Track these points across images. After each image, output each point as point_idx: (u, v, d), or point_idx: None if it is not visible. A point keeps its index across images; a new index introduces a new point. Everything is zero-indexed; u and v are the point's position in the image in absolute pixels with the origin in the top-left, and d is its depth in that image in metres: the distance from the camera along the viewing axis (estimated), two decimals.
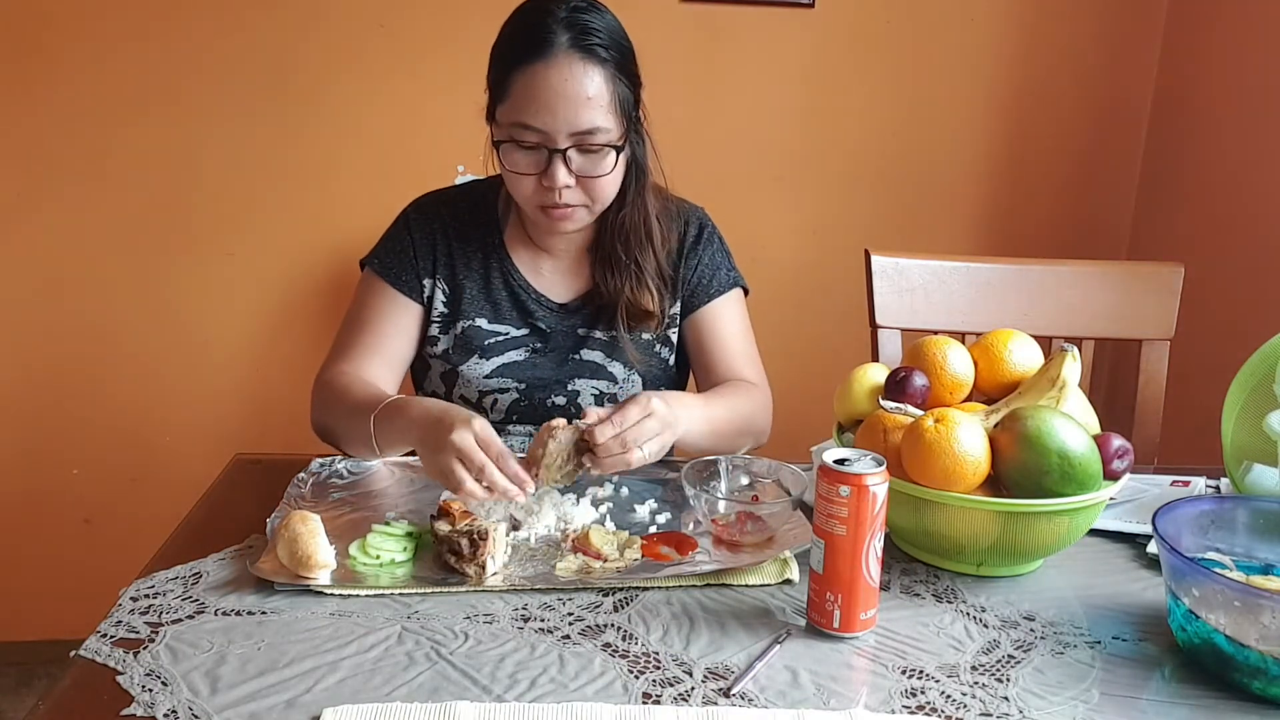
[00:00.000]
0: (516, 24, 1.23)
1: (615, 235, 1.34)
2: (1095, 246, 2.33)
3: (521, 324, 1.37)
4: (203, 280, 2.13)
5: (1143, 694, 0.85)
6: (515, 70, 1.19)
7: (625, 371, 1.37)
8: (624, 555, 1.03)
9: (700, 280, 1.40)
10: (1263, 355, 1.18)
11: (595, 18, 1.21)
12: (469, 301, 1.36)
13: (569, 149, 1.20)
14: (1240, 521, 0.98)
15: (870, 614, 0.91)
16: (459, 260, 1.36)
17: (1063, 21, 2.22)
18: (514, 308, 1.37)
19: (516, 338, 1.36)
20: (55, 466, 2.18)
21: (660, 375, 1.41)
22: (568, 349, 1.37)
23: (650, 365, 1.39)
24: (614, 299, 1.35)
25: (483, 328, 1.35)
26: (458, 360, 1.35)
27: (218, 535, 1.05)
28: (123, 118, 2.03)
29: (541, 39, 1.18)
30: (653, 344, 1.40)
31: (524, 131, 1.20)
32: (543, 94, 1.18)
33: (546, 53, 1.18)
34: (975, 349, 1.13)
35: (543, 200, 1.24)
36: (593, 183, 1.23)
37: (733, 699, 0.82)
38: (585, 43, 1.19)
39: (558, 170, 1.20)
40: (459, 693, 0.81)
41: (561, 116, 1.18)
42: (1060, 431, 0.96)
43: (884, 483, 0.89)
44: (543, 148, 1.20)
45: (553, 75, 1.18)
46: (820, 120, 2.22)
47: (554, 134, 1.19)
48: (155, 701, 0.78)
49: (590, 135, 1.20)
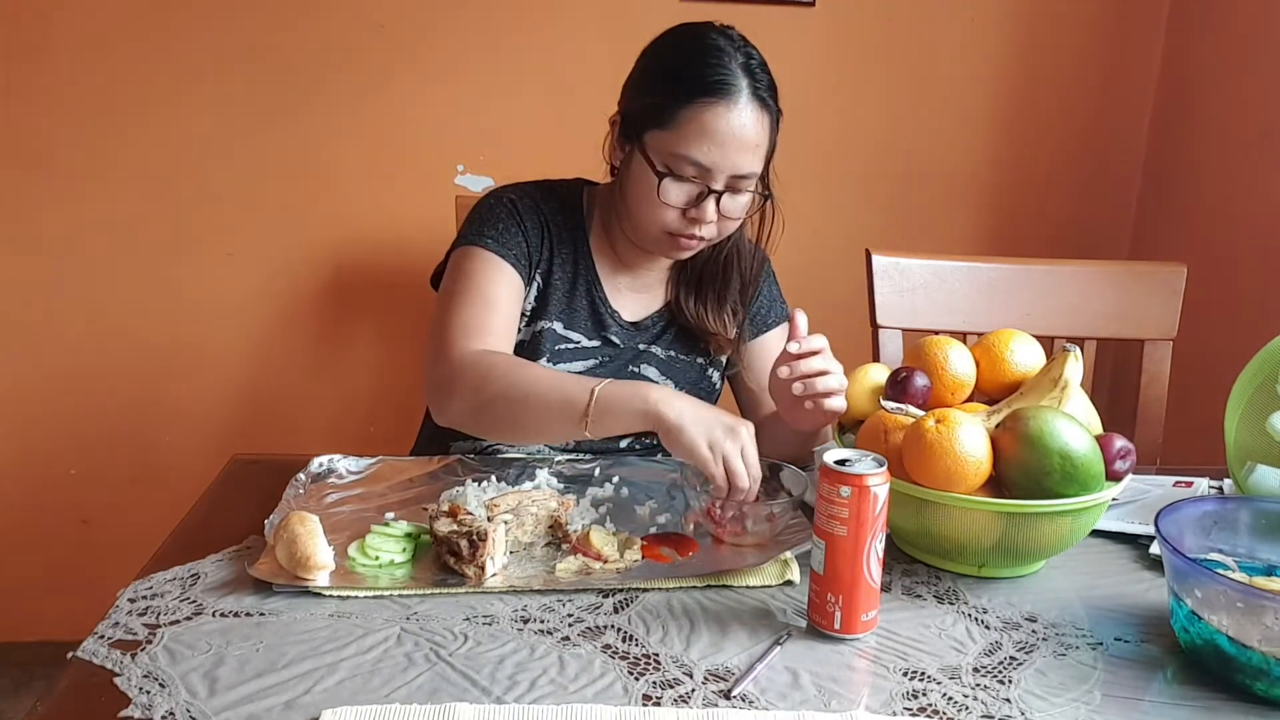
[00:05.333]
0: (691, 55, 1.22)
1: (711, 262, 1.36)
2: (1097, 246, 2.33)
3: (594, 336, 1.35)
4: (202, 280, 2.13)
5: (1145, 695, 0.85)
6: (691, 103, 1.19)
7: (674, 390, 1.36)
8: (624, 556, 1.03)
9: (759, 313, 1.42)
10: (1266, 355, 1.18)
11: (764, 67, 1.23)
12: (553, 303, 1.33)
13: (724, 190, 1.22)
14: (1243, 522, 0.98)
15: (871, 615, 0.91)
16: (556, 260, 1.34)
17: (1064, 20, 2.21)
18: (590, 318, 1.35)
19: (587, 349, 1.34)
20: (53, 467, 2.17)
21: (707, 398, 1.40)
22: (626, 362, 1.37)
23: (700, 388, 1.39)
24: (687, 319, 1.37)
25: (557, 331, 1.33)
26: (527, 356, 1.31)
27: (216, 536, 1.05)
28: (122, 117, 2.03)
29: (724, 80, 1.19)
30: (706, 367, 1.41)
31: (685, 164, 1.20)
32: (719, 135, 1.19)
33: (730, 95, 1.18)
34: (977, 349, 1.12)
35: (680, 229, 1.24)
36: (729, 222, 1.26)
37: (733, 701, 0.81)
38: (762, 94, 1.21)
39: (708, 207, 1.22)
40: (458, 694, 0.81)
41: (731, 160, 1.20)
42: (1062, 432, 0.95)
43: (885, 483, 0.89)
44: (699, 183, 1.21)
45: (734, 119, 1.19)
46: (821, 119, 2.21)
47: (716, 173, 1.20)
48: (153, 703, 0.78)
49: (745, 179, 1.22)
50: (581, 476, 1.24)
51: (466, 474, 1.22)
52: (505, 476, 1.21)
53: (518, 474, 1.22)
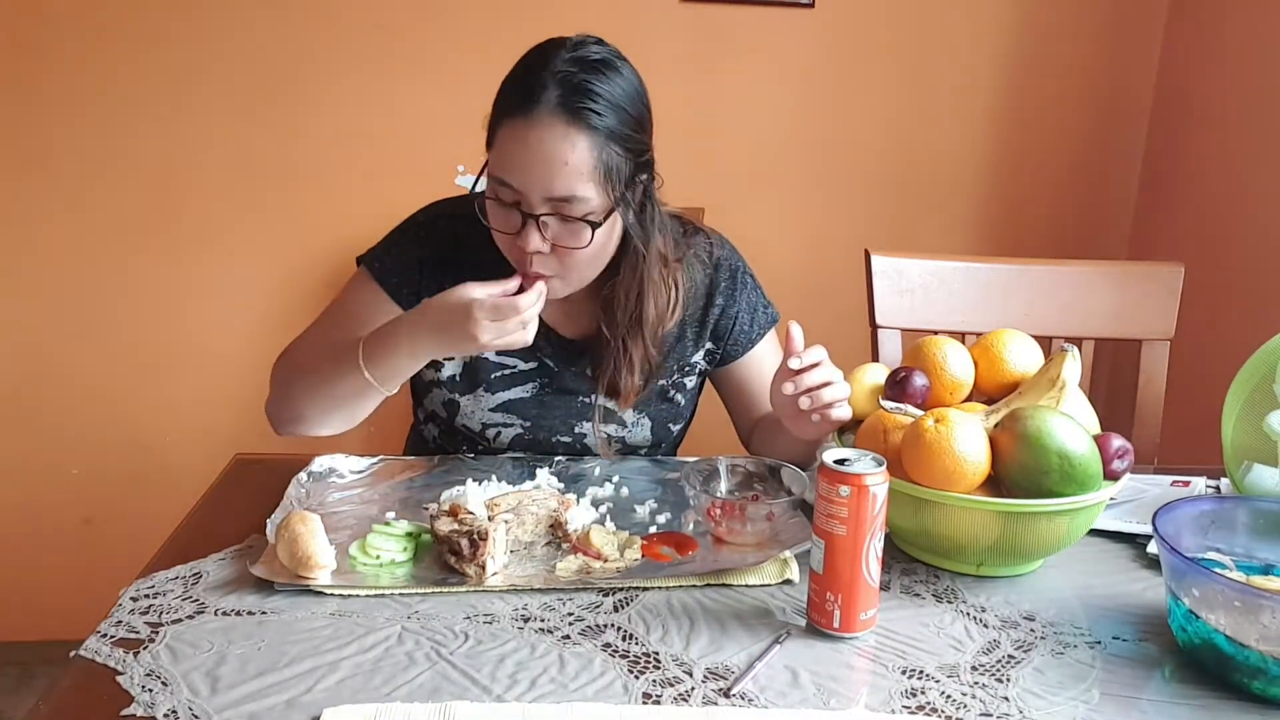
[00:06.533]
0: (516, 70, 1.15)
1: (602, 308, 1.25)
2: (1095, 246, 2.33)
3: (529, 357, 1.30)
4: (203, 280, 2.13)
5: (1143, 694, 0.85)
6: (501, 122, 1.12)
7: (635, 415, 1.33)
8: (624, 555, 1.03)
9: (740, 331, 1.34)
10: (1263, 355, 1.18)
11: (596, 79, 1.11)
12: None
13: (544, 215, 1.11)
14: (1240, 521, 0.98)
15: (870, 614, 0.91)
16: (468, 280, 1.24)
17: (1063, 20, 2.21)
18: None
19: (525, 372, 1.30)
20: (55, 466, 2.18)
21: (671, 420, 1.36)
22: (576, 390, 1.31)
23: (662, 410, 1.34)
24: (598, 362, 1.28)
25: (489, 359, 1.29)
26: (463, 389, 1.30)
27: (218, 535, 1.05)
28: (121, 117, 2.03)
29: (528, 93, 1.09)
30: (667, 389, 1.34)
31: (502, 188, 1.12)
32: (520, 153, 1.09)
33: (530, 110, 1.09)
34: (975, 349, 1.13)
35: (518, 261, 1.15)
36: (568, 255, 1.13)
37: (733, 699, 0.82)
38: (574, 104, 1.09)
39: (530, 235, 1.11)
40: (459, 693, 0.81)
41: (537, 179, 1.09)
42: (1060, 432, 0.96)
43: (884, 483, 0.89)
44: (518, 209, 1.12)
45: (532, 135, 1.09)
46: (820, 120, 2.22)
47: (529, 196, 1.10)
48: (155, 702, 0.78)
49: (567, 204, 1.10)
50: (581, 476, 1.24)
51: (467, 474, 1.23)
52: (506, 476, 1.21)
53: (518, 474, 1.23)
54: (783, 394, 1.10)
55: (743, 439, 1.42)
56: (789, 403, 1.10)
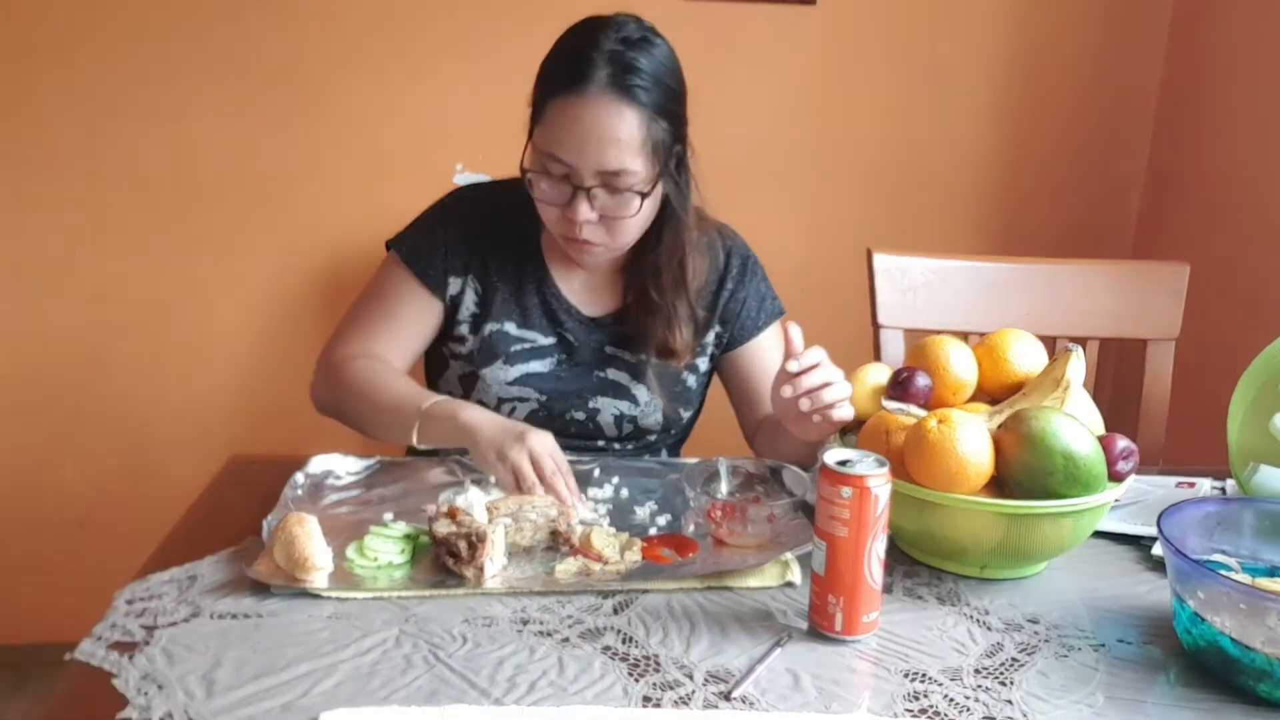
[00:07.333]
0: (562, 48, 1.21)
1: (648, 274, 1.32)
2: (1100, 245, 2.32)
3: (549, 333, 1.34)
4: (200, 280, 2.12)
5: (1148, 697, 0.84)
6: (552, 98, 1.18)
7: (648, 395, 1.35)
8: (624, 557, 1.02)
9: (746, 316, 1.39)
10: (1269, 355, 1.18)
11: (641, 55, 1.18)
12: (500, 305, 1.33)
13: (594, 187, 1.18)
14: (1246, 523, 0.97)
15: (872, 617, 0.91)
16: (493, 261, 1.34)
17: (1066, 19, 2.21)
18: (544, 315, 1.34)
19: (543, 346, 1.34)
20: (49, 467, 2.17)
21: (682, 403, 1.39)
22: (593, 365, 1.35)
23: (675, 392, 1.37)
24: (644, 328, 1.34)
25: (510, 333, 1.33)
26: (481, 363, 1.32)
27: (214, 537, 1.04)
28: (120, 116, 2.02)
29: (579, 71, 1.16)
30: (680, 373, 1.38)
31: (552, 162, 1.19)
32: (573, 129, 1.16)
33: (582, 88, 1.15)
34: (979, 349, 1.12)
35: (565, 232, 1.23)
36: (615, 223, 1.22)
37: (733, 702, 0.81)
38: (624, 82, 1.16)
39: (580, 206, 1.19)
40: (457, 696, 0.80)
41: (590, 155, 1.16)
42: (1065, 432, 0.95)
43: (886, 484, 0.89)
44: (568, 181, 1.19)
45: (585, 112, 1.16)
46: (822, 118, 2.21)
47: (581, 170, 1.18)
48: (151, 705, 0.78)
49: (616, 177, 1.18)
50: (581, 477, 1.23)
51: (466, 475, 1.22)
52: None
53: None
54: (782, 397, 1.10)
55: (747, 437, 1.43)
56: (789, 405, 1.10)
